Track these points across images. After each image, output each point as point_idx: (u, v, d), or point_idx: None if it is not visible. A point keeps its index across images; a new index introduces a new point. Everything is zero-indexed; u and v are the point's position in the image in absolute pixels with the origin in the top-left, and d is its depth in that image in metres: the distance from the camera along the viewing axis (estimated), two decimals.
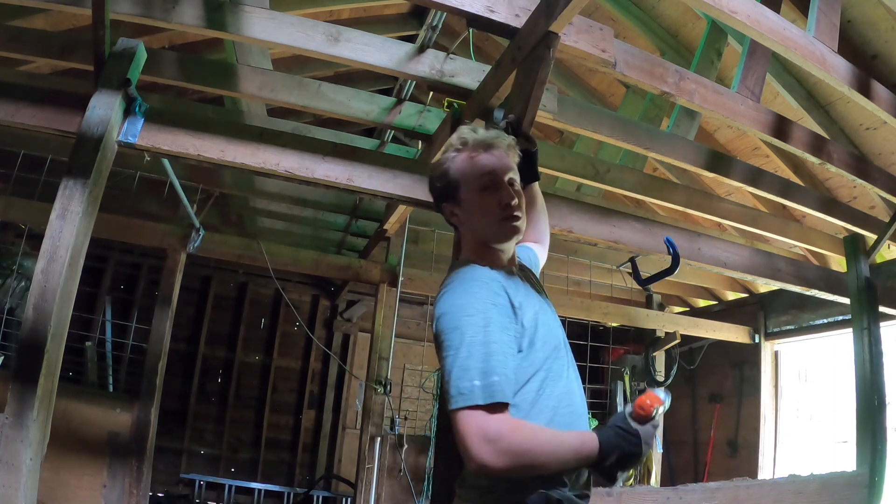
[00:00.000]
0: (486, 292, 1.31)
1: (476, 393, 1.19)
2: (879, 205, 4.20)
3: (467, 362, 1.22)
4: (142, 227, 4.24)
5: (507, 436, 1.17)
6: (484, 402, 1.18)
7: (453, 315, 1.29)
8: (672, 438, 6.34)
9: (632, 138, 3.06)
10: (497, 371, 1.21)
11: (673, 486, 3.08)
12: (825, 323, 5.19)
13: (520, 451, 1.18)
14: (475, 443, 1.16)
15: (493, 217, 1.42)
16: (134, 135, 2.25)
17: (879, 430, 3.50)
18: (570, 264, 5.08)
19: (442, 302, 1.34)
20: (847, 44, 3.30)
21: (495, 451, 1.16)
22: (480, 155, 1.45)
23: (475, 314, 1.27)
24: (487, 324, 1.26)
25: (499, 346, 1.24)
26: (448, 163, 1.48)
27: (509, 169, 1.45)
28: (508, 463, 1.16)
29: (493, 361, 1.22)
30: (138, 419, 3.79)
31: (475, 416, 1.18)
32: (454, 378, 1.22)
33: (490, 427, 1.17)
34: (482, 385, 1.19)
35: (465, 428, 1.18)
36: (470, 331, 1.25)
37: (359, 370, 6.65)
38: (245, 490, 6.42)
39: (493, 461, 1.16)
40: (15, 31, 2.76)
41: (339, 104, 3.10)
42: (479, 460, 1.16)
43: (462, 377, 1.21)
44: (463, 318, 1.27)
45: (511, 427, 1.19)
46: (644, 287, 5.55)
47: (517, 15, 2.29)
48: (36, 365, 1.88)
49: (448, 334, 1.27)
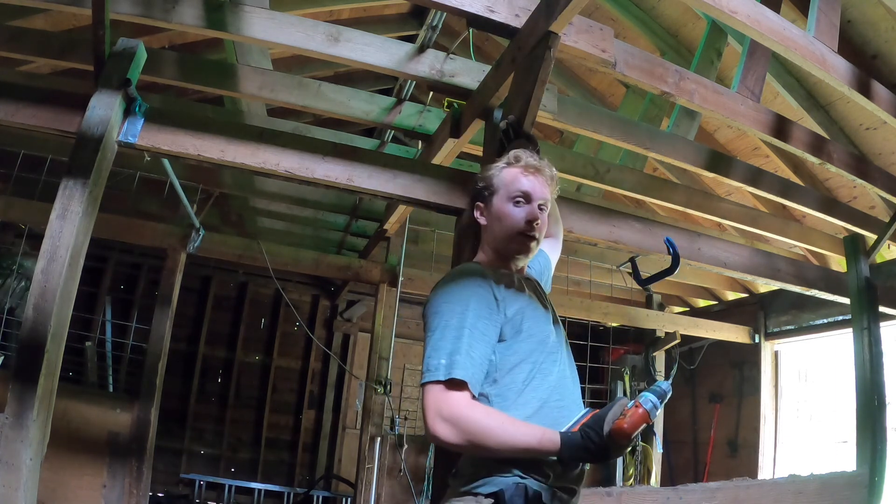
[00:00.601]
0: (469, 282, 1.44)
1: (440, 370, 1.31)
2: (879, 205, 4.20)
3: (439, 343, 1.34)
4: (142, 227, 4.24)
5: (461, 414, 1.28)
6: (444, 377, 1.30)
7: (436, 301, 1.43)
8: (672, 438, 6.34)
9: (632, 138, 3.06)
10: (462, 351, 1.32)
11: (673, 486, 3.07)
12: (825, 323, 5.19)
13: (470, 430, 1.27)
14: (431, 415, 1.29)
15: (514, 229, 1.55)
16: (134, 135, 2.25)
17: (879, 430, 3.50)
18: (570, 264, 5.08)
19: (432, 292, 1.48)
20: (847, 44, 3.30)
21: (448, 426, 1.27)
22: (526, 175, 1.58)
23: (454, 302, 1.40)
24: (465, 310, 1.38)
25: (470, 331, 1.35)
26: (495, 170, 1.62)
27: (545, 196, 1.59)
28: (458, 439, 1.27)
29: (460, 343, 1.33)
30: (138, 419, 3.79)
31: (435, 392, 1.30)
32: (426, 356, 1.35)
33: (446, 403, 1.29)
34: (446, 363, 1.31)
35: (426, 401, 1.30)
36: (447, 315, 1.37)
37: (359, 370, 6.65)
38: (245, 490, 6.42)
39: (445, 435, 1.27)
40: (15, 31, 2.76)
41: (339, 104, 3.10)
42: (433, 432, 1.28)
43: (432, 355, 1.34)
44: (443, 304, 1.40)
45: (467, 407, 1.29)
46: (644, 287, 5.56)
47: (517, 15, 2.29)
48: (36, 365, 1.88)
49: (429, 318, 1.42)
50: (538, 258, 1.83)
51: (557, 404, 1.41)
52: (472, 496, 1.33)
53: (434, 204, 2.52)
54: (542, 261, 1.86)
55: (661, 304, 6.31)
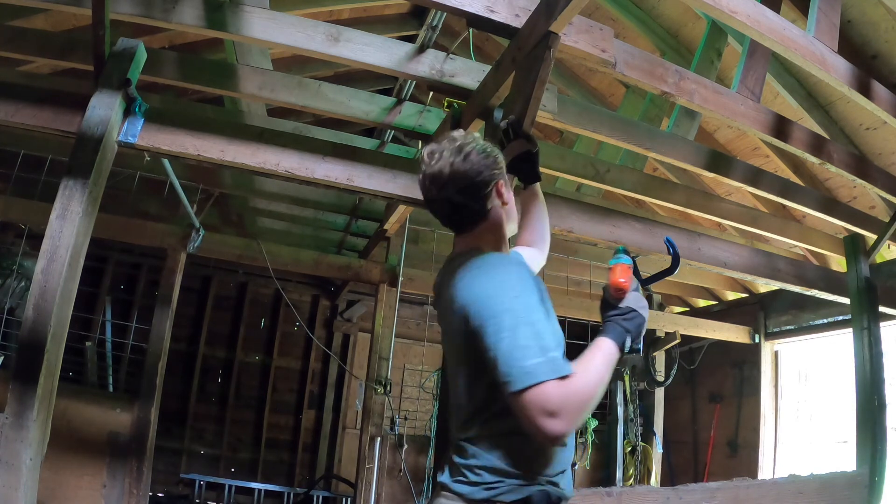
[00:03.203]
0: (522, 272, 1.39)
1: (540, 369, 1.20)
2: (879, 205, 4.20)
3: (525, 340, 1.23)
4: (142, 227, 4.25)
5: (567, 402, 1.20)
6: (551, 377, 1.20)
7: (498, 295, 1.31)
8: (672, 438, 6.34)
9: (632, 138, 3.06)
10: (552, 347, 1.25)
11: (673, 486, 3.08)
12: (825, 323, 5.19)
13: (579, 407, 1.21)
14: (541, 419, 1.18)
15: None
16: (134, 135, 2.25)
17: (879, 430, 3.51)
18: (570, 264, 5.08)
19: (474, 286, 1.35)
20: (847, 44, 3.30)
21: (566, 421, 1.19)
22: None
23: (520, 290, 1.32)
24: (530, 299, 1.31)
25: (546, 319, 1.32)
26: (497, 154, 1.55)
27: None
28: (574, 423, 1.21)
29: (546, 338, 1.26)
30: (138, 419, 3.79)
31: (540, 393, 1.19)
32: (516, 359, 1.22)
33: (552, 400, 1.19)
34: (545, 361, 1.21)
35: (531, 406, 1.19)
36: (519, 310, 1.28)
37: (359, 370, 6.65)
38: (245, 490, 6.42)
39: (561, 428, 1.19)
40: (15, 31, 2.76)
41: (339, 104, 3.10)
42: (550, 432, 1.18)
43: (525, 357, 1.22)
44: (511, 299, 1.29)
45: (566, 391, 1.21)
46: (644, 287, 5.54)
47: (517, 15, 2.29)
48: (36, 365, 1.88)
49: (498, 318, 1.27)
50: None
51: None
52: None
53: None
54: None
55: (661, 304, 6.31)
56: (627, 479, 5.52)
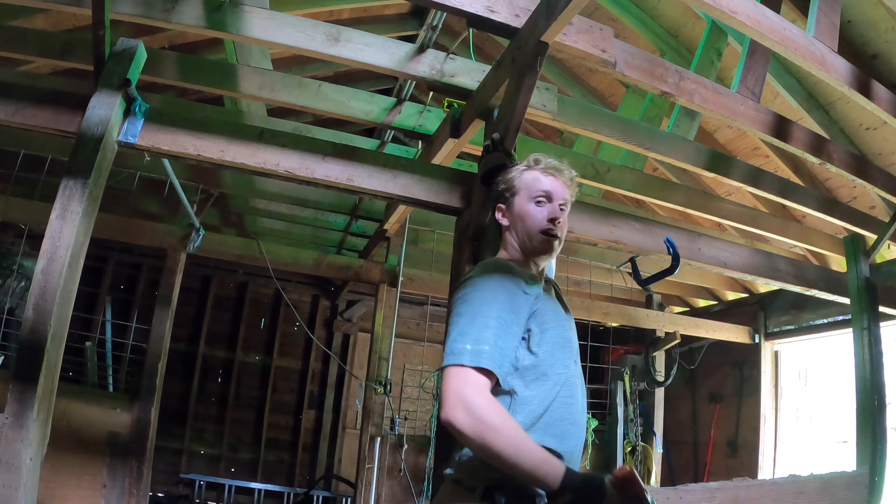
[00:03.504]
0: (501, 276, 1.45)
1: (465, 355, 1.30)
2: (879, 205, 4.19)
3: (467, 328, 1.34)
4: (142, 227, 4.24)
5: (483, 406, 1.25)
6: (470, 363, 1.29)
7: (467, 290, 1.43)
8: (672, 438, 6.33)
9: (632, 138, 3.06)
10: (489, 342, 1.32)
11: (673, 486, 3.08)
12: (825, 323, 5.18)
13: (486, 424, 1.24)
14: (451, 399, 1.26)
15: (536, 227, 1.58)
16: (134, 135, 2.25)
17: (879, 430, 3.50)
18: (570, 264, 5.08)
19: (462, 282, 1.48)
20: (847, 44, 3.30)
21: (467, 414, 1.24)
22: (546, 176, 1.63)
23: (486, 290, 1.41)
24: (494, 301, 1.38)
25: (498, 322, 1.35)
26: (516, 172, 1.67)
27: (565, 196, 1.63)
28: (472, 430, 1.23)
29: (487, 332, 1.33)
30: (138, 419, 3.79)
31: (460, 375, 1.28)
32: (450, 339, 1.35)
33: (471, 390, 1.27)
34: (472, 350, 1.30)
35: (448, 384, 1.28)
36: (477, 303, 1.38)
37: (359, 370, 6.65)
38: (245, 490, 6.42)
39: (461, 422, 1.23)
40: (15, 31, 2.76)
41: (339, 104, 3.10)
42: (449, 417, 1.24)
43: (457, 339, 1.33)
44: (475, 292, 1.41)
45: (490, 401, 1.28)
46: (644, 287, 5.54)
47: (517, 15, 2.29)
48: (36, 365, 1.88)
49: (457, 304, 1.41)
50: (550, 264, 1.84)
51: (567, 400, 1.45)
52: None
53: (434, 204, 2.52)
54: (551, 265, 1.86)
55: (661, 304, 6.30)
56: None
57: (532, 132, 5.73)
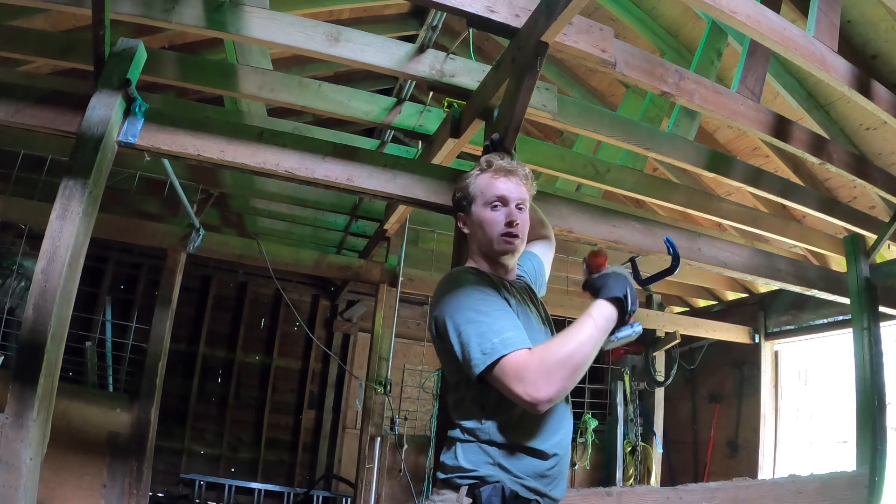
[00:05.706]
0: (469, 279, 1.50)
1: (497, 349, 1.33)
2: (879, 205, 4.19)
3: (480, 329, 1.37)
4: (142, 227, 4.24)
5: (538, 367, 1.29)
6: (507, 352, 1.32)
7: (446, 306, 1.46)
8: (672, 438, 6.34)
9: (632, 138, 3.06)
10: (506, 328, 1.37)
11: (673, 486, 3.07)
12: (825, 323, 5.18)
13: (554, 371, 1.29)
14: (519, 386, 1.29)
15: (494, 231, 1.58)
16: (134, 135, 2.25)
17: (879, 430, 3.50)
18: (570, 264, 5.07)
19: (436, 300, 1.51)
20: (847, 44, 3.30)
21: (542, 384, 1.27)
22: (499, 178, 1.61)
23: (465, 297, 1.45)
24: (482, 299, 1.44)
25: (498, 310, 1.42)
26: (470, 179, 1.66)
27: (521, 195, 1.63)
28: (559, 386, 1.28)
29: (499, 323, 1.38)
30: (138, 419, 3.79)
31: (506, 366, 1.31)
32: (470, 348, 1.36)
33: (521, 368, 1.30)
34: (499, 342, 1.34)
35: (504, 380, 1.31)
36: (466, 312, 1.41)
37: (359, 370, 6.65)
38: (245, 490, 6.42)
39: (548, 392, 1.27)
40: (15, 31, 2.76)
41: (339, 104, 3.10)
42: (535, 398, 1.27)
43: (482, 341, 1.35)
44: (454, 306, 1.44)
45: (537, 359, 1.31)
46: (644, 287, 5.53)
47: (517, 15, 2.29)
48: (36, 365, 1.87)
49: (448, 321, 1.43)
50: (530, 261, 1.87)
51: None
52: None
53: (434, 204, 2.52)
54: (535, 264, 1.88)
55: (661, 304, 6.30)
56: (627, 480, 5.52)
57: (532, 132, 5.73)
